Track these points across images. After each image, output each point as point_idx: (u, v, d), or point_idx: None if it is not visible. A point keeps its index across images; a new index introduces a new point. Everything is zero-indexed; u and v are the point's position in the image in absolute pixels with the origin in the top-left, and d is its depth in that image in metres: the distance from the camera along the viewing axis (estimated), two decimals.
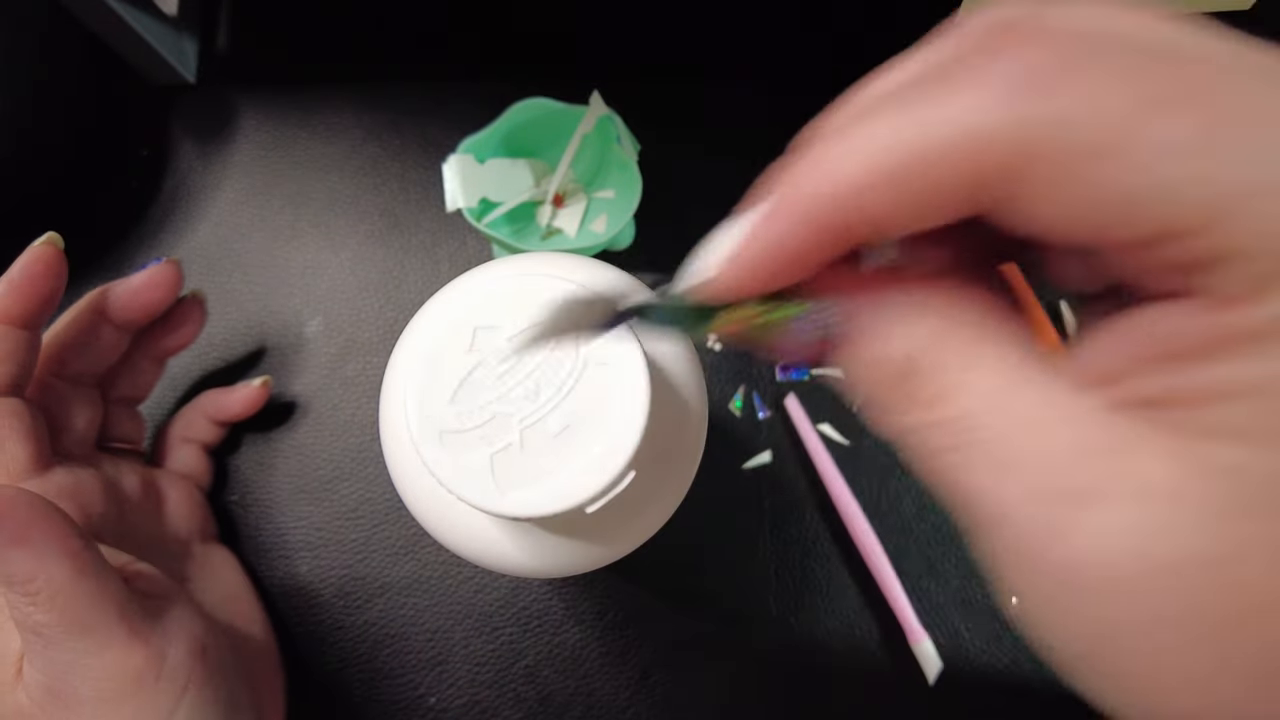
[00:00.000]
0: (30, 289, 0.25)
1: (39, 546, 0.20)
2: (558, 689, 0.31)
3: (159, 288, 0.29)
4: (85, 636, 0.21)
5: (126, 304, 0.28)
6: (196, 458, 0.32)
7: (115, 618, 0.21)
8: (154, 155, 0.37)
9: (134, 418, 0.31)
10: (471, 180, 0.32)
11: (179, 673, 0.22)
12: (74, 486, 0.26)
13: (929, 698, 0.31)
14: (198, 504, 0.31)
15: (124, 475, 0.29)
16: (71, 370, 0.28)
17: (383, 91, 0.38)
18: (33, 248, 0.26)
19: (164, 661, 0.22)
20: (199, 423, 0.32)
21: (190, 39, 0.38)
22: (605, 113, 0.33)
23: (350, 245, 0.36)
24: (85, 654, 0.21)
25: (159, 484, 0.30)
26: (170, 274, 0.29)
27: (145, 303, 0.29)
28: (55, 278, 0.26)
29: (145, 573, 0.25)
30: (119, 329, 0.29)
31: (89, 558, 0.21)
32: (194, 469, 0.32)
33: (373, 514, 0.33)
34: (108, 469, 0.28)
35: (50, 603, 0.20)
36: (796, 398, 0.34)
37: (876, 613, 0.32)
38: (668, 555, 0.32)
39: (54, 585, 0.20)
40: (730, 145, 0.37)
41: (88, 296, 0.28)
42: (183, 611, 0.24)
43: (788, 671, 0.31)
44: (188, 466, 0.32)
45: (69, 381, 0.28)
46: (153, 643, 0.22)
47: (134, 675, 0.21)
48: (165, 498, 0.30)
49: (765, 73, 0.38)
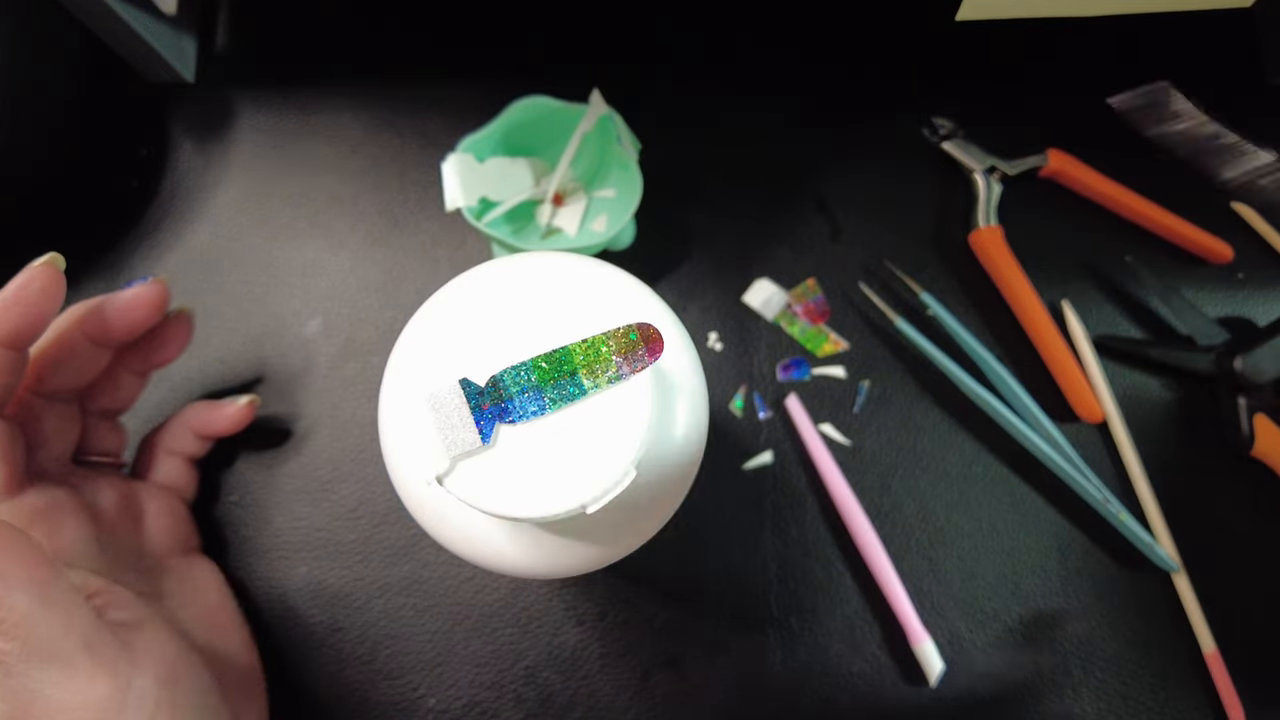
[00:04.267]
0: (22, 310, 0.25)
1: (4, 575, 0.20)
2: (558, 690, 0.31)
3: (145, 307, 0.28)
4: (48, 667, 0.21)
5: (111, 322, 0.28)
6: (180, 470, 0.32)
7: (80, 647, 0.21)
8: (153, 155, 0.37)
9: (114, 430, 0.31)
10: (471, 179, 0.32)
11: (146, 701, 0.22)
12: (47, 508, 0.25)
13: (930, 699, 0.31)
14: (180, 517, 0.31)
15: (101, 492, 0.28)
16: (50, 386, 0.27)
17: (382, 91, 0.38)
18: (32, 267, 0.25)
19: (130, 690, 0.22)
20: (183, 435, 0.31)
21: (189, 38, 0.38)
22: (605, 111, 0.33)
23: (350, 245, 0.36)
24: (48, 685, 0.21)
25: (139, 498, 0.30)
26: (157, 293, 0.28)
27: (130, 323, 0.28)
28: (50, 300, 0.25)
29: (117, 598, 0.24)
30: (101, 345, 0.28)
31: (55, 586, 0.21)
32: (177, 481, 0.31)
33: (372, 515, 0.33)
34: (84, 487, 0.28)
35: (13, 631, 0.20)
36: (797, 398, 0.34)
37: (878, 614, 0.32)
38: (668, 556, 0.32)
39: (17, 614, 0.20)
40: (730, 145, 0.37)
41: (70, 312, 0.27)
42: (154, 636, 0.24)
43: (788, 672, 0.31)
44: (170, 479, 0.31)
45: (47, 398, 0.27)
46: (119, 672, 0.22)
47: (98, 705, 0.21)
48: (144, 512, 0.30)
49: (766, 73, 0.38)
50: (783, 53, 0.39)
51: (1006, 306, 0.35)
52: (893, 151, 0.38)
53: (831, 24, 0.39)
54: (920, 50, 0.39)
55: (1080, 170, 0.36)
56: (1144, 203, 0.36)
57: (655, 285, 0.35)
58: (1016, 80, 0.39)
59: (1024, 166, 0.36)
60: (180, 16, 0.37)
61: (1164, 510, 0.33)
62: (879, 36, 0.39)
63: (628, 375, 0.17)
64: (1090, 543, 0.33)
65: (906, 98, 0.38)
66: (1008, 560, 0.33)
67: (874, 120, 0.38)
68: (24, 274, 0.25)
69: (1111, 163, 0.36)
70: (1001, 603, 0.32)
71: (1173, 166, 0.38)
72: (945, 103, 0.38)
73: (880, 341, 0.35)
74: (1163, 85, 0.38)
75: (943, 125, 0.37)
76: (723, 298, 0.35)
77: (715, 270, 0.36)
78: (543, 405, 0.17)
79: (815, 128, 0.38)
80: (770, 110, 0.38)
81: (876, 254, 0.36)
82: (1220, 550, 0.33)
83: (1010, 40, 0.38)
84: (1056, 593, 0.32)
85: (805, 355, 0.35)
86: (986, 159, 0.36)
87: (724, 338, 0.35)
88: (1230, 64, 0.39)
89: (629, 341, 0.17)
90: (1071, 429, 0.34)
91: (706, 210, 0.36)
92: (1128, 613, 0.32)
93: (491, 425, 0.17)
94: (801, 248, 0.36)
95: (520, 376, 0.17)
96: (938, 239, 0.37)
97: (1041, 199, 0.37)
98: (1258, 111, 0.38)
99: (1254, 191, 0.37)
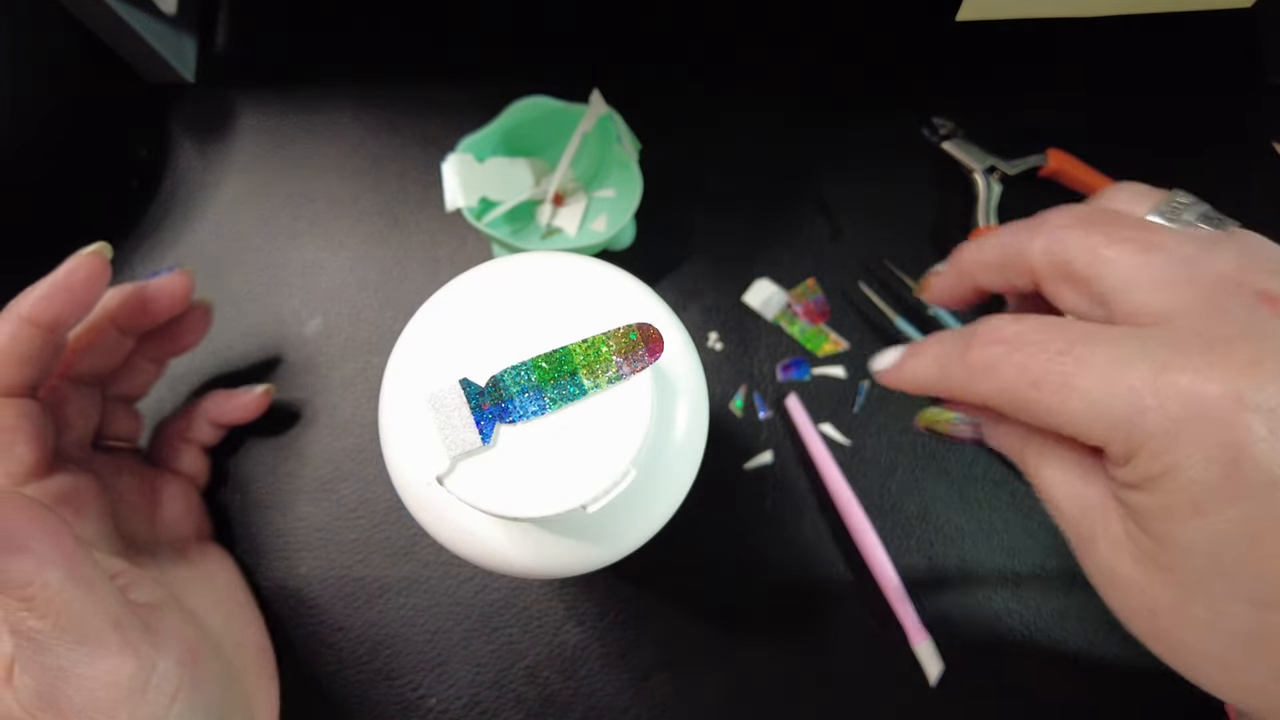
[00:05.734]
0: (68, 296, 0.25)
1: (37, 552, 0.20)
2: (558, 689, 0.31)
3: (173, 297, 0.29)
4: (79, 645, 0.21)
5: (139, 311, 0.28)
6: (195, 458, 0.32)
7: (109, 627, 0.21)
8: (153, 155, 0.37)
9: (131, 415, 0.31)
10: (471, 179, 0.32)
11: (168, 682, 0.22)
12: (73, 491, 0.26)
13: (930, 699, 0.31)
14: (194, 504, 0.31)
15: (121, 477, 0.29)
16: (77, 371, 0.28)
17: (382, 91, 0.38)
18: (80, 255, 0.26)
19: (154, 671, 0.22)
20: (200, 424, 0.32)
21: (189, 38, 0.38)
22: (605, 111, 0.33)
23: (350, 245, 0.36)
24: (77, 662, 0.21)
25: (156, 484, 0.30)
26: (184, 283, 0.29)
27: (157, 311, 0.29)
28: (96, 288, 0.26)
29: (139, 580, 0.25)
30: (128, 333, 0.29)
31: (85, 566, 0.21)
32: (192, 468, 0.32)
33: (372, 514, 0.33)
34: (105, 471, 0.28)
35: (46, 608, 0.20)
36: (797, 398, 0.34)
37: (878, 613, 0.32)
38: (668, 555, 0.32)
39: (49, 591, 0.20)
40: (731, 145, 0.37)
41: (102, 300, 0.28)
42: (174, 619, 0.24)
43: (788, 672, 0.31)
44: (186, 466, 0.32)
45: (73, 382, 0.28)
46: (143, 653, 0.22)
47: (124, 685, 0.21)
48: (162, 498, 0.30)
49: (766, 72, 0.38)
50: (783, 53, 0.39)
51: (1006, 306, 0.35)
52: (893, 151, 0.38)
53: (832, 24, 0.39)
54: (920, 50, 0.39)
55: (1080, 170, 0.36)
56: None
57: (655, 285, 0.35)
58: (1016, 80, 0.39)
59: (1024, 166, 0.36)
60: (180, 16, 0.37)
61: None
62: (879, 36, 0.39)
63: (628, 375, 0.17)
64: None
65: (906, 98, 0.38)
66: (1008, 560, 0.33)
67: (874, 120, 0.38)
68: (72, 261, 0.25)
69: (1111, 163, 0.36)
70: (1001, 603, 0.32)
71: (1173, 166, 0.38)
72: (945, 103, 0.38)
73: (880, 341, 0.35)
74: None
75: (943, 125, 0.37)
76: (723, 298, 0.35)
77: (715, 270, 0.36)
78: (543, 405, 0.17)
79: (815, 127, 0.38)
80: (770, 110, 0.38)
81: (876, 254, 0.36)
82: None
83: (1010, 40, 0.38)
84: (1056, 593, 0.32)
85: (805, 355, 0.35)
86: (986, 159, 0.36)
87: (724, 338, 0.35)
88: (1230, 64, 0.39)
89: (629, 341, 0.17)
90: None
91: (706, 210, 0.36)
92: None
93: (492, 425, 0.17)
94: (801, 248, 0.36)
95: (520, 376, 0.17)
96: (938, 239, 0.37)
97: (1041, 199, 0.36)
98: (1258, 111, 0.38)
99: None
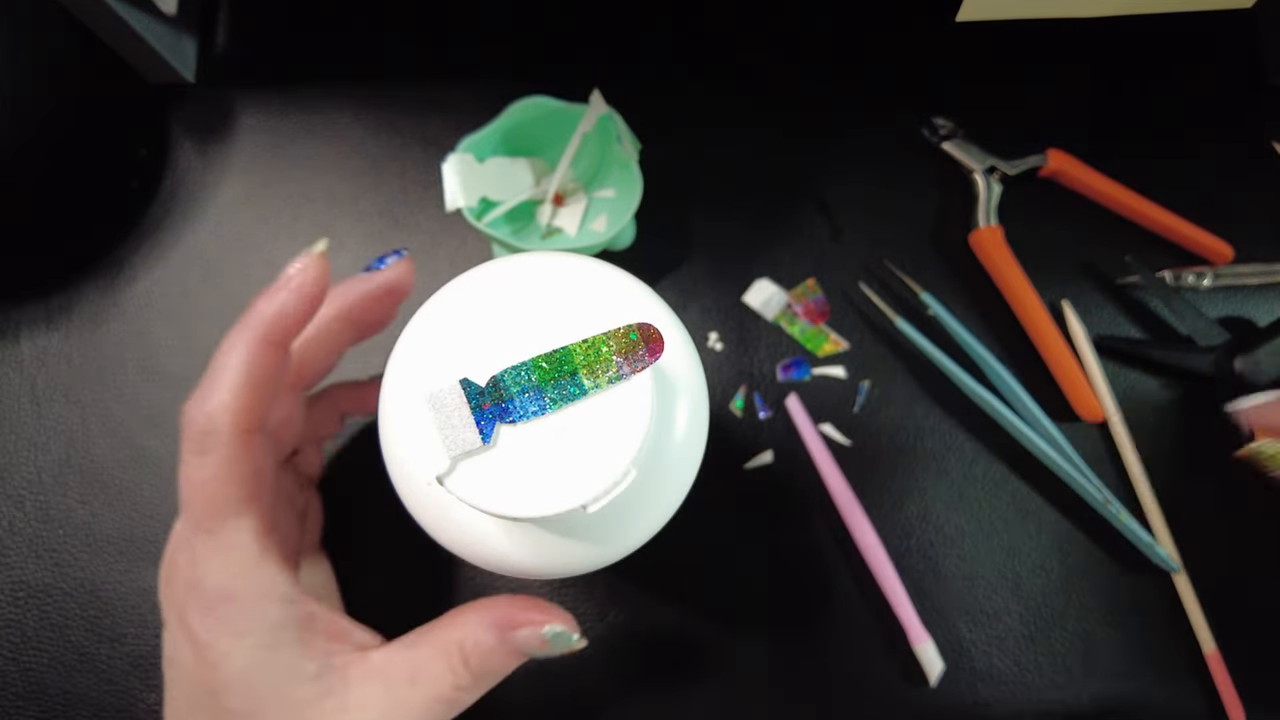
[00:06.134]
0: (306, 308, 0.22)
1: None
2: (558, 689, 0.31)
3: (400, 293, 0.26)
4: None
5: (372, 307, 0.25)
6: (319, 458, 0.30)
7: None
8: (153, 155, 0.37)
9: (317, 454, 0.30)
10: (471, 179, 0.32)
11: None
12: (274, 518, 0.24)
13: (930, 699, 0.31)
14: (320, 513, 0.30)
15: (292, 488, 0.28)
16: (294, 382, 0.26)
17: (382, 91, 0.38)
18: (308, 255, 0.22)
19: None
20: (330, 420, 0.29)
21: (189, 38, 0.38)
22: (606, 111, 0.33)
23: (350, 245, 0.36)
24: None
25: (305, 493, 0.29)
26: (411, 271, 0.26)
27: (387, 307, 0.26)
28: (322, 292, 0.23)
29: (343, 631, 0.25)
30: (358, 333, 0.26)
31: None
32: (317, 472, 0.30)
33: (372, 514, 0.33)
34: (292, 488, 0.28)
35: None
36: (797, 398, 0.34)
37: (878, 614, 0.32)
38: (669, 555, 0.32)
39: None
40: (731, 145, 0.37)
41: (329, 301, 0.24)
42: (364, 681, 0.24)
43: (789, 673, 0.31)
44: (316, 470, 0.30)
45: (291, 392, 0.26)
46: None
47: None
48: (308, 510, 0.29)
49: (766, 72, 0.38)
50: (783, 52, 0.39)
51: (1006, 306, 0.35)
52: (893, 151, 0.38)
53: (832, 24, 0.39)
54: (920, 50, 0.39)
55: (1080, 170, 0.36)
56: (1144, 203, 0.36)
57: (655, 285, 0.35)
58: (1016, 80, 0.39)
59: (1024, 166, 0.36)
60: (180, 16, 0.37)
61: (1164, 510, 0.33)
62: (879, 37, 0.39)
63: (628, 375, 0.17)
64: (1090, 543, 0.33)
65: (907, 98, 0.38)
66: (1008, 560, 0.33)
67: (874, 120, 0.38)
68: (299, 264, 0.22)
69: (1111, 163, 0.36)
70: (1001, 603, 0.32)
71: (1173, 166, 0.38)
72: (945, 103, 0.38)
73: (880, 341, 0.35)
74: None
75: (943, 125, 0.37)
76: (723, 298, 0.35)
77: (715, 270, 0.36)
78: (543, 405, 0.17)
79: (815, 128, 0.38)
80: (770, 110, 0.38)
81: (876, 254, 0.36)
82: (1220, 550, 0.33)
83: (1010, 40, 0.38)
84: (1056, 593, 0.32)
85: (805, 355, 0.35)
86: (986, 159, 0.36)
87: (724, 338, 0.35)
88: (1230, 64, 0.39)
89: (629, 341, 0.17)
90: (1071, 429, 0.34)
91: (706, 210, 0.36)
92: (1128, 613, 0.32)
93: (492, 425, 0.17)
94: (801, 248, 0.36)
95: (520, 376, 0.17)
96: (938, 239, 0.37)
97: (1041, 199, 0.37)
98: (1258, 111, 0.38)
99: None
